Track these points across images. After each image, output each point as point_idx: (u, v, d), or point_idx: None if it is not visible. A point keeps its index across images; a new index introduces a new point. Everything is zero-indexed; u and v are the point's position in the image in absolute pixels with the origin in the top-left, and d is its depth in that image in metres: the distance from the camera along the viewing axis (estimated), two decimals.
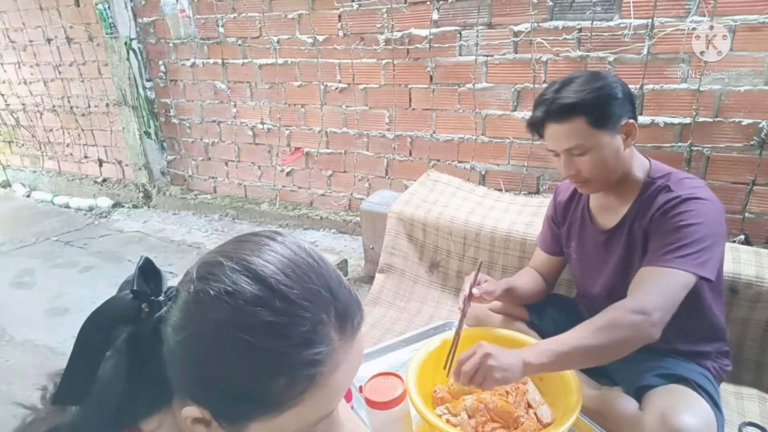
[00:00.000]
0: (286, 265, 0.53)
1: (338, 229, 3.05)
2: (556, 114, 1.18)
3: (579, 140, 1.17)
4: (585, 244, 1.40)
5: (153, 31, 3.31)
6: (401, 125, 2.70)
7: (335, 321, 0.53)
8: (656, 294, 1.07)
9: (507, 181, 2.50)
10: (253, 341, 0.49)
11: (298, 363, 0.50)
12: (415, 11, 2.42)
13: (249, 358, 0.50)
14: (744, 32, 1.82)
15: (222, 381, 0.52)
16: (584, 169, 1.21)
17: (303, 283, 0.52)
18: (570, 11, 2.09)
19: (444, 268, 2.23)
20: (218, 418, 0.53)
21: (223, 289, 0.51)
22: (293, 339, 0.50)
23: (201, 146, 3.52)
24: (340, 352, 0.53)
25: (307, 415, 0.54)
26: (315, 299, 0.52)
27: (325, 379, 0.52)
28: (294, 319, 0.50)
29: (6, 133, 4.55)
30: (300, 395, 0.52)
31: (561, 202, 1.47)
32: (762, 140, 1.90)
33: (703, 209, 1.13)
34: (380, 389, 1.11)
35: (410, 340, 1.61)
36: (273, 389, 0.51)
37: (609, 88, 1.17)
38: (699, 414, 1.10)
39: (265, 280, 0.51)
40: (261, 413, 0.52)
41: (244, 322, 0.50)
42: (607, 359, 1.11)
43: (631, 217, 1.25)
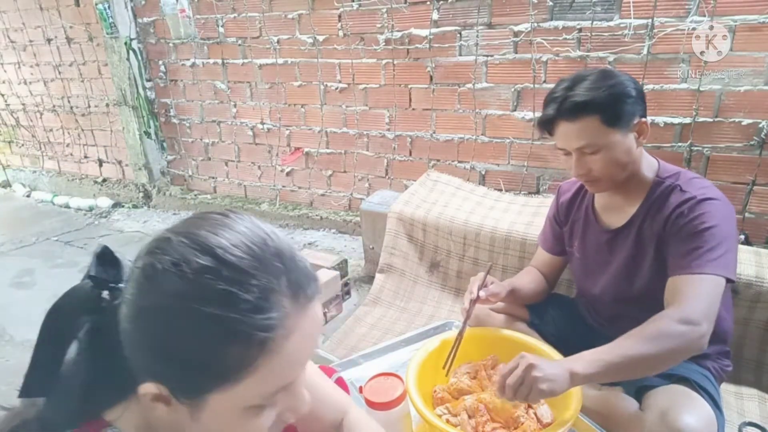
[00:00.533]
0: (234, 237, 0.53)
1: (338, 229, 3.05)
2: (568, 112, 1.15)
3: (591, 139, 1.15)
4: (588, 244, 1.39)
5: (153, 31, 3.31)
6: (401, 125, 2.70)
7: (287, 290, 0.53)
8: (699, 302, 1.06)
9: (507, 181, 2.50)
10: (202, 309, 0.49)
11: (249, 329, 0.50)
12: (415, 11, 2.42)
13: (199, 326, 0.50)
14: (744, 32, 1.82)
15: (174, 352, 0.51)
16: (595, 168, 1.19)
17: (252, 253, 0.52)
18: (570, 11, 2.09)
19: (444, 268, 2.23)
20: (176, 392, 0.53)
21: (171, 261, 0.51)
22: (243, 305, 0.50)
23: (201, 146, 3.52)
24: (293, 319, 0.53)
25: (265, 384, 0.53)
26: (265, 268, 0.52)
27: (279, 346, 0.52)
28: (243, 286, 0.50)
29: (6, 133, 4.55)
30: (254, 363, 0.51)
31: (564, 201, 1.46)
32: (762, 140, 1.90)
33: (717, 210, 1.12)
34: (380, 389, 1.11)
35: (410, 340, 1.61)
36: (226, 357, 0.50)
37: (622, 86, 1.15)
38: (699, 414, 1.10)
39: (212, 250, 0.51)
40: (217, 384, 0.52)
41: (192, 291, 0.50)
42: (656, 371, 1.09)
43: (641, 217, 1.24)
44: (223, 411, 0.54)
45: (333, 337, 2.03)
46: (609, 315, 1.39)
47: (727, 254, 1.09)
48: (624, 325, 1.35)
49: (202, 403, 0.54)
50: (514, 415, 1.09)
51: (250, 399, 0.54)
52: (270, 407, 0.57)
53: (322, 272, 2.18)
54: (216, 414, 0.55)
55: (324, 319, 2.15)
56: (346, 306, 2.27)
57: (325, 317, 2.15)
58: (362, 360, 1.50)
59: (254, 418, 0.56)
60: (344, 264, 2.30)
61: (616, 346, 1.04)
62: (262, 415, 0.56)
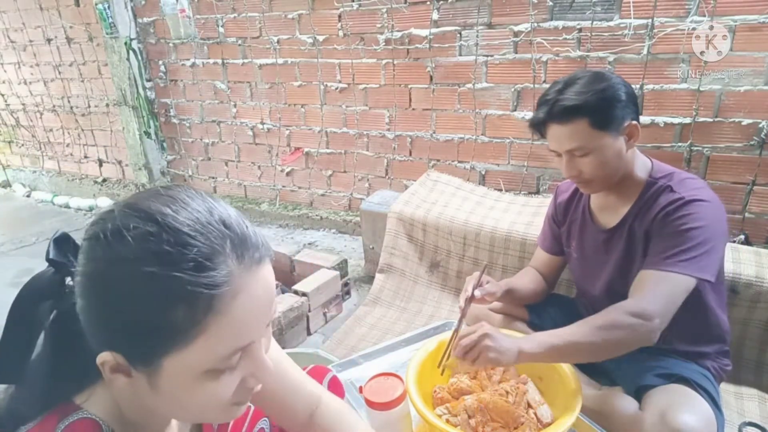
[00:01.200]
0: (176, 204, 0.54)
1: (338, 229, 3.05)
2: (559, 115, 1.17)
3: (581, 142, 1.17)
4: (585, 244, 1.39)
5: (153, 31, 3.31)
6: (401, 125, 2.70)
7: (231, 251, 0.54)
8: (658, 299, 1.08)
9: (507, 181, 2.50)
10: (145, 270, 0.50)
11: (193, 288, 0.51)
12: (415, 11, 2.42)
13: (143, 287, 0.51)
14: (744, 32, 1.82)
15: (122, 316, 0.52)
16: (586, 170, 1.21)
17: (194, 218, 0.53)
18: (570, 11, 2.09)
19: (444, 268, 2.23)
20: (131, 359, 0.54)
21: (113, 229, 0.52)
22: (186, 264, 0.51)
23: (201, 146, 3.52)
24: (240, 280, 0.54)
25: (217, 346, 0.54)
26: (207, 231, 0.53)
27: (226, 306, 0.53)
28: (185, 248, 0.51)
29: (6, 133, 4.55)
30: (202, 322, 0.52)
31: (562, 202, 1.47)
32: (762, 140, 1.90)
33: (705, 211, 1.13)
34: (380, 390, 1.11)
35: (410, 340, 1.61)
36: (173, 317, 0.51)
37: (612, 90, 1.16)
38: (699, 414, 1.10)
39: (154, 216, 0.52)
40: (168, 346, 0.53)
41: (134, 254, 0.51)
42: (601, 358, 1.13)
43: (632, 216, 1.25)
44: (180, 376, 0.55)
45: (333, 337, 2.03)
46: None
47: (703, 256, 1.10)
48: None
49: (157, 368, 0.54)
50: (514, 415, 1.09)
51: (205, 362, 0.54)
52: (229, 372, 0.57)
53: (322, 272, 2.18)
54: (173, 379, 0.55)
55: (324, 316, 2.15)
56: (346, 306, 2.27)
57: (325, 317, 2.15)
58: (362, 360, 1.50)
59: (213, 383, 0.56)
60: (344, 264, 2.30)
61: (566, 332, 1.09)
62: (221, 379, 0.56)
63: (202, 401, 0.57)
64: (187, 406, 0.58)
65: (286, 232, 3.14)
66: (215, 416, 0.63)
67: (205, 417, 0.64)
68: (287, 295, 2.06)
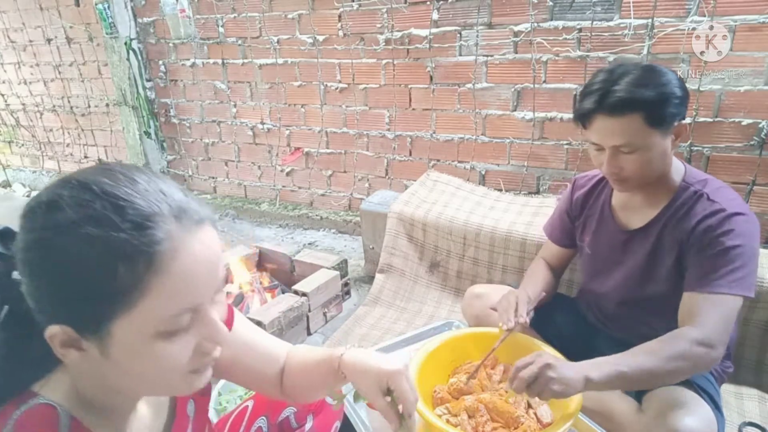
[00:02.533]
0: (113, 174, 0.55)
1: (338, 229, 3.05)
2: (612, 107, 1.09)
3: (630, 138, 1.10)
4: (600, 241, 1.36)
5: (153, 31, 3.31)
6: (401, 125, 2.70)
7: (168, 213, 0.54)
8: (719, 326, 1.07)
9: (507, 181, 2.50)
10: (82, 232, 0.51)
11: (132, 247, 0.51)
12: (415, 11, 2.42)
13: (82, 251, 0.51)
14: (744, 32, 1.82)
15: (65, 285, 0.53)
16: (628, 167, 1.14)
17: (130, 185, 0.54)
18: (570, 11, 2.09)
19: (444, 268, 2.23)
20: (79, 330, 0.54)
21: (48, 199, 0.54)
22: (123, 225, 0.52)
23: (201, 146, 3.52)
24: (179, 239, 0.54)
25: (163, 306, 0.54)
26: (144, 195, 0.54)
27: (167, 265, 0.53)
28: (122, 210, 0.52)
29: (6, 133, 4.55)
30: (143, 281, 0.52)
31: (579, 196, 1.42)
32: (762, 140, 1.90)
33: (747, 227, 1.10)
34: None
35: (410, 340, 1.61)
36: (115, 278, 0.51)
37: (670, 86, 1.09)
38: (699, 415, 1.10)
39: (88, 185, 0.54)
40: (113, 308, 0.53)
41: (71, 218, 0.52)
42: (665, 384, 1.12)
43: (662, 221, 1.21)
44: (130, 340, 0.55)
45: (333, 337, 2.02)
46: (613, 314, 1.38)
47: (750, 274, 1.09)
48: (626, 325, 1.35)
49: (107, 336, 0.54)
50: (514, 415, 1.09)
51: (153, 323, 0.54)
52: (182, 335, 0.57)
53: (322, 272, 2.18)
54: (124, 345, 0.55)
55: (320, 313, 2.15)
56: (346, 306, 2.27)
57: (325, 317, 2.15)
58: None
59: (165, 345, 0.56)
60: (344, 264, 2.30)
61: (634, 359, 1.05)
62: (173, 342, 0.56)
63: (156, 367, 0.57)
64: (143, 374, 0.58)
65: (286, 232, 3.14)
66: (174, 385, 0.62)
67: (164, 387, 0.62)
68: (287, 295, 2.06)
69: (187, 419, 0.79)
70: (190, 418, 0.80)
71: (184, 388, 0.62)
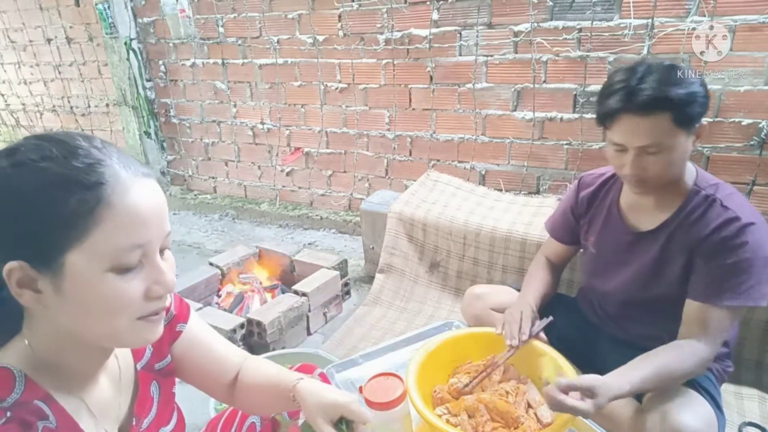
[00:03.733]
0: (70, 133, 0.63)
1: (338, 229, 3.05)
2: (640, 106, 1.05)
3: (659, 138, 1.06)
4: (606, 241, 1.35)
5: (153, 31, 3.31)
6: (401, 125, 2.70)
7: (117, 161, 0.62)
8: (722, 335, 1.14)
9: (507, 181, 2.50)
10: (38, 166, 0.58)
11: (82, 182, 0.58)
12: (415, 11, 2.42)
13: (37, 183, 0.57)
14: (744, 32, 1.82)
15: (21, 217, 0.58)
16: (651, 169, 1.10)
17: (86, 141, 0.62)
18: (570, 11, 2.09)
19: (444, 268, 2.23)
20: (34, 263, 0.58)
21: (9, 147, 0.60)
22: (75, 162, 0.59)
23: (201, 146, 3.52)
24: (126, 180, 0.61)
25: (113, 237, 0.59)
26: (97, 147, 0.62)
27: (116, 199, 0.59)
28: (75, 151, 0.60)
29: (6, 133, 4.55)
30: (95, 212, 0.58)
31: (585, 195, 1.40)
32: (762, 140, 1.90)
33: (759, 237, 1.09)
34: (380, 390, 1.10)
35: (410, 340, 1.60)
36: (67, 208, 0.57)
37: (696, 85, 1.06)
38: (700, 415, 1.10)
39: (47, 136, 0.61)
40: (68, 239, 0.58)
41: (27, 157, 0.58)
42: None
43: (673, 224, 1.19)
44: (84, 273, 0.59)
45: (333, 337, 2.02)
46: (615, 314, 1.38)
47: (760, 283, 1.09)
48: (628, 326, 1.35)
49: (61, 268, 0.58)
50: (514, 415, 1.09)
51: (105, 255, 0.59)
52: (133, 273, 0.62)
53: (322, 272, 2.18)
54: (77, 279, 0.59)
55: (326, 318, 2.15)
56: (346, 306, 2.27)
57: (325, 317, 2.15)
58: (362, 360, 1.50)
59: (117, 280, 0.61)
60: (344, 264, 2.30)
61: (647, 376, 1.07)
62: (125, 277, 0.61)
63: (107, 304, 0.61)
64: (94, 313, 0.61)
65: (286, 232, 3.13)
66: (123, 331, 0.64)
67: (113, 332, 0.64)
68: (287, 295, 2.06)
69: (151, 400, 0.81)
70: (153, 398, 0.81)
71: (130, 336, 0.65)
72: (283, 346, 1.92)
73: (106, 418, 0.72)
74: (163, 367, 0.84)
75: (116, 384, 0.75)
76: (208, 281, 2.25)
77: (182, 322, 0.88)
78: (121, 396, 0.76)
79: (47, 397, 0.63)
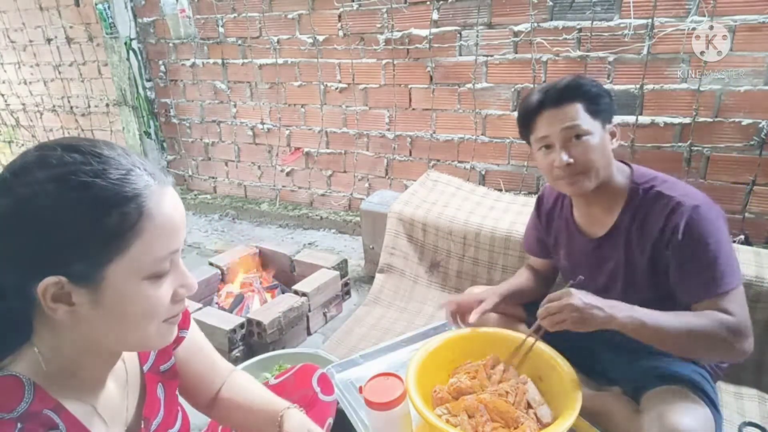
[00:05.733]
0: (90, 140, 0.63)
1: (338, 229, 3.05)
2: (555, 97, 1.20)
3: (576, 120, 1.18)
4: (574, 252, 1.39)
5: (153, 31, 3.31)
6: (401, 125, 2.70)
7: (144, 171, 0.62)
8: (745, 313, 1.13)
9: (507, 181, 2.50)
10: (78, 181, 0.57)
11: (122, 196, 0.59)
12: (415, 11, 2.42)
13: (78, 198, 0.57)
14: (744, 32, 1.82)
15: (62, 233, 0.57)
16: (579, 156, 1.18)
17: (108, 148, 0.62)
18: (570, 11, 2.09)
19: (444, 268, 2.23)
20: (74, 278, 0.57)
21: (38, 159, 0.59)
22: (110, 175, 0.59)
23: (201, 146, 3.52)
24: (158, 190, 0.62)
25: (153, 247, 0.61)
26: (122, 155, 0.62)
27: (154, 211, 0.61)
28: (106, 164, 0.59)
29: (6, 133, 4.55)
30: (137, 225, 0.59)
31: (546, 210, 1.47)
32: (762, 140, 1.90)
33: (709, 215, 1.14)
34: (380, 390, 1.11)
35: (410, 340, 1.61)
36: (110, 223, 0.58)
37: (600, 86, 1.22)
38: (697, 415, 1.10)
39: (73, 146, 0.60)
40: (110, 253, 0.58)
41: (63, 172, 0.57)
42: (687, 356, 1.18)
43: (625, 223, 1.24)
44: (124, 284, 0.59)
45: (333, 337, 2.03)
46: None
47: (731, 260, 1.13)
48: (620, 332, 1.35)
49: (101, 282, 0.58)
50: (514, 415, 1.09)
51: (145, 264, 0.61)
52: (165, 279, 0.64)
53: (322, 272, 2.18)
54: (117, 290, 0.59)
55: (324, 318, 2.15)
56: (346, 306, 2.27)
57: (325, 317, 2.15)
58: (362, 360, 1.50)
59: (153, 287, 0.62)
60: (344, 264, 2.29)
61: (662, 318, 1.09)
62: (160, 284, 0.63)
63: (143, 310, 0.62)
64: (131, 320, 0.62)
65: (286, 232, 3.14)
66: (151, 335, 0.65)
67: (142, 336, 0.65)
68: (287, 295, 2.06)
69: (158, 401, 0.81)
70: (161, 400, 0.82)
71: (157, 340, 0.67)
72: (283, 346, 1.92)
73: (116, 422, 0.72)
74: (168, 369, 0.85)
75: (123, 387, 0.75)
76: (208, 281, 2.25)
77: (184, 328, 0.88)
78: (129, 399, 0.76)
79: (57, 407, 0.63)
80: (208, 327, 1.85)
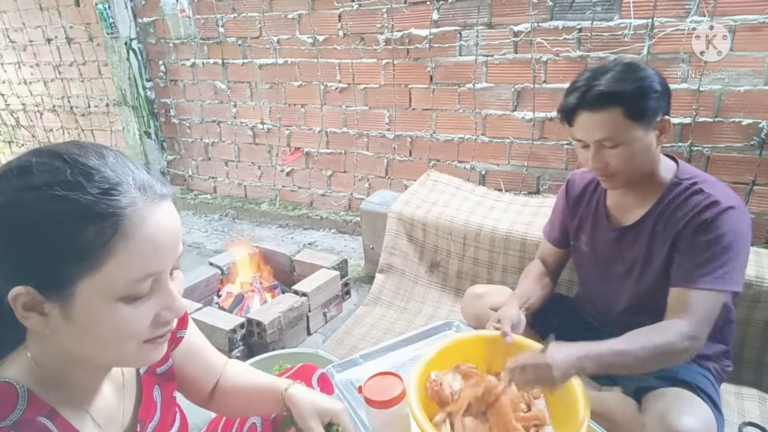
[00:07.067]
0: (82, 147, 0.59)
1: (338, 229, 3.05)
2: (592, 102, 1.12)
3: (612, 132, 1.12)
4: (596, 239, 1.36)
5: (153, 31, 3.31)
6: (401, 125, 2.70)
7: (133, 184, 0.58)
8: (705, 318, 1.10)
9: (507, 181, 2.50)
10: (54, 194, 0.54)
11: (98, 209, 0.55)
12: (415, 11, 2.42)
13: (53, 210, 0.54)
14: (744, 32, 1.82)
15: (34, 243, 0.55)
16: (612, 162, 1.15)
17: (99, 158, 0.58)
18: (570, 11, 2.09)
19: (444, 268, 2.23)
20: (43, 290, 0.56)
21: (18, 166, 0.56)
22: (92, 189, 0.55)
23: (201, 146, 3.52)
24: (144, 207, 0.58)
25: (127, 269, 0.57)
26: (112, 167, 0.58)
27: (132, 230, 0.57)
28: (90, 176, 0.56)
29: (6, 133, 4.55)
30: (111, 244, 0.55)
31: (574, 195, 1.43)
32: (762, 140, 1.90)
33: (738, 221, 1.12)
34: (379, 388, 1.10)
35: (410, 340, 1.60)
36: (83, 239, 0.54)
37: (648, 80, 1.12)
38: (699, 416, 1.10)
39: (59, 154, 0.57)
40: (81, 269, 0.55)
41: (43, 181, 0.55)
42: (643, 372, 1.14)
43: (654, 216, 1.21)
44: (94, 303, 0.57)
45: (333, 337, 2.02)
46: (611, 313, 1.38)
47: (736, 270, 1.11)
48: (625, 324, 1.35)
49: (71, 296, 0.56)
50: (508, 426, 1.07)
51: (117, 286, 0.57)
52: (142, 301, 0.60)
53: (322, 272, 2.18)
54: (88, 308, 0.57)
55: (325, 318, 2.15)
56: (346, 306, 2.27)
57: (325, 317, 2.15)
58: (362, 360, 1.50)
59: (128, 310, 0.59)
60: (344, 264, 2.29)
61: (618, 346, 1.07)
62: (135, 306, 0.59)
63: (116, 331, 0.59)
64: (102, 339, 0.60)
65: (286, 232, 3.14)
66: (129, 355, 0.63)
67: (119, 355, 0.63)
68: (287, 295, 2.06)
69: (155, 404, 0.81)
70: (157, 403, 0.81)
71: (136, 359, 0.65)
72: (283, 346, 1.92)
73: (112, 427, 0.71)
74: (165, 371, 0.84)
75: (119, 391, 0.75)
76: (208, 281, 2.25)
77: (182, 328, 0.88)
78: (125, 403, 0.76)
79: (51, 413, 0.62)
80: (208, 327, 1.85)
